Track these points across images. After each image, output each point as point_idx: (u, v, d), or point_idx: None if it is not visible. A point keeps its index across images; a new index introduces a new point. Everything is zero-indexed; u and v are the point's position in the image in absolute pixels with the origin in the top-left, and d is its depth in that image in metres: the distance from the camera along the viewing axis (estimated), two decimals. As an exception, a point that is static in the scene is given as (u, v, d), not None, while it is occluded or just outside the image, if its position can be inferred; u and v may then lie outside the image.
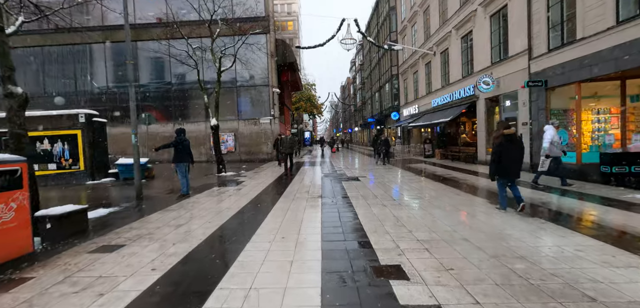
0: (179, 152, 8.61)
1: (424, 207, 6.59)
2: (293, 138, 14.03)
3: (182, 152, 8.63)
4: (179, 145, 8.55)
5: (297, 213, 6.32)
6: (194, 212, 6.66)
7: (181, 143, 8.65)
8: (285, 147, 13.68)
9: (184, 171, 8.63)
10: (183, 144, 8.68)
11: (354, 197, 7.81)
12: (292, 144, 13.81)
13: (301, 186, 9.96)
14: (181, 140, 8.64)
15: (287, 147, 13.62)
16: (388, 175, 12.43)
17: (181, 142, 8.65)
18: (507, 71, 12.68)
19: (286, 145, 13.65)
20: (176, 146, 8.64)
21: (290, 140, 13.74)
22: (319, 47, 22.65)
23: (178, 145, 8.53)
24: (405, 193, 8.36)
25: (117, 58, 22.74)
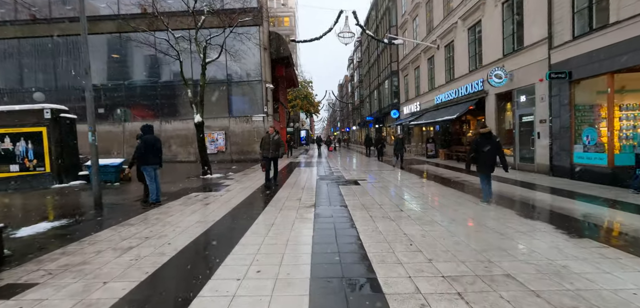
0: (145, 152, 7.25)
1: (439, 220, 5.35)
2: (278, 138, 9.61)
3: (148, 152, 7.26)
4: (141, 148, 7.19)
5: (283, 230, 5.06)
6: (156, 227, 5.38)
7: (145, 143, 7.25)
8: (266, 150, 9.35)
9: (152, 175, 7.31)
10: (148, 143, 7.27)
11: (354, 207, 6.56)
12: (276, 145, 9.43)
13: (293, 191, 8.70)
14: (146, 139, 7.26)
15: (271, 150, 9.34)
16: (390, 178, 11.20)
17: (145, 142, 7.26)
18: (522, 63, 11.47)
19: (268, 147, 9.33)
20: (139, 148, 7.28)
21: (274, 141, 9.38)
22: (315, 40, 21.41)
23: (141, 147, 7.17)
24: (413, 201, 7.11)
25: (99, 51, 21.34)
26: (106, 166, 10.98)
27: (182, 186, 10.27)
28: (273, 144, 9.39)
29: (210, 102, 20.75)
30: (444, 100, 18.21)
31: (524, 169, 11.60)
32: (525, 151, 11.66)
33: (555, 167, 10.00)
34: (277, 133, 9.81)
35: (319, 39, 21.05)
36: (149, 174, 7.19)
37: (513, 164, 12.23)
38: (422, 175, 11.74)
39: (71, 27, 20.58)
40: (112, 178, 11.06)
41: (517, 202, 6.96)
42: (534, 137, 11.05)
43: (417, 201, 7.07)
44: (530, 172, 11.18)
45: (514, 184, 9.06)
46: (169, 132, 20.78)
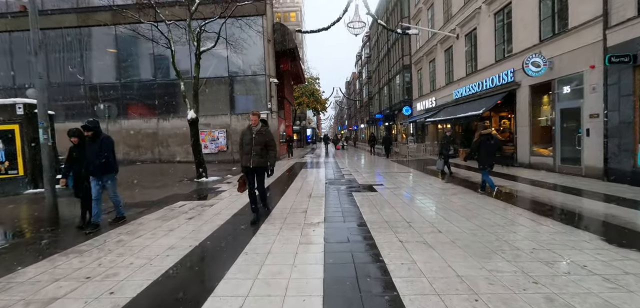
0: (87, 157, 5.24)
1: (500, 250, 3.82)
2: (266, 131, 5.51)
3: (95, 158, 5.17)
4: (110, 147, 5.40)
5: (281, 266, 3.59)
6: (110, 258, 3.96)
7: (83, 148, 5.30)
8: (246, 154, 5.44)
9: (116, 185, 5.66)
10: (92, 147, 5.19)
11: (376, 225, 5.05)
12: (262, 145, 5.40)
13: (297, 199, 7.24)
14: (109, 139, 5.48)
15: (252, 154, 5.38)
16: (410, 182, 9.65)
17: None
18: (565, 48, 9.81)
19: (249, 149, 5.42)
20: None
21: (258, 138, 5.38)
22: (323, 30, 19.90)
23: (109, 147, 5.38)
24: (451, 217, 5.57)
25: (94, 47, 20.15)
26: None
27: (170, 192, 8.88)
28: (256, 142, 5.30)
29: (210, 99, 19.44)
30: (465, 94, 16.55)
31: (567, 172, 9.95)
32: (569, 151, 10.01)
33: (612, 171, 8.34)
34: (264, 123, 5.50)
35: (327, 29, 19.56)
36: (114, 184, 5.63)
37: (552, 166, 10.58)
38: (445, 179, 10.16)
39: (65, 19, 19.47)
40: (93, 183, 9.70)
41: (594, 220, 5.38)
42: (580, 134, 9.40)
43: (456, 217, 5.53)
44: (575, 175, 9.53)
45: (567, 192, 7.44)
46: (167, 130, 19.52)
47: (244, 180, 5.59)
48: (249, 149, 5.35)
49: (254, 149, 5.32)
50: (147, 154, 19.71)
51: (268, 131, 5.47)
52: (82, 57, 20.07)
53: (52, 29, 19.64)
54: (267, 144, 5.39)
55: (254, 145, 5.32)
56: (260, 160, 5.35)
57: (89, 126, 5.23)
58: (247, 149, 5.37)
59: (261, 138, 5.35)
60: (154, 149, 19.68)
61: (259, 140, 5.34)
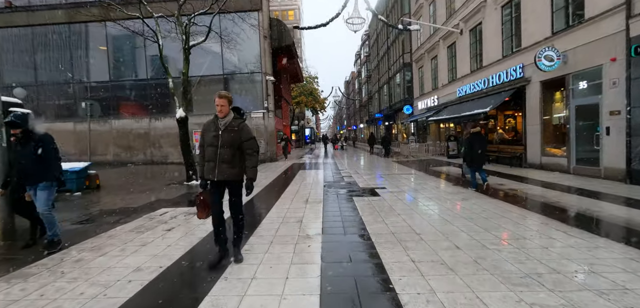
0: (17, 161, 4.23)
1: (537, 274, 3.12)
2: (240, 128, 3.52)
3: (27, 162, 4.11)
4: (55, 148, 4.32)
5: (267, 296, 2.88)
6: (53, 287, 3.22)
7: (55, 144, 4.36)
8: (210, 162, 3.50)
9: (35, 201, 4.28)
10: (25, 149, 4.13)
11: (381, 238, 4.34)
12: (235, 146, 3.50)
13: (292, 206, 6.53)
14: (19, 142, 4.17)
15: (218, 161, 3.46)
16: (414, 184, 8.95)
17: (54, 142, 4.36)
18: (582, 40, 9.12)
19: (213, 154, 3.48)
20: (54, 150, 4.29)
21: (226, 136, 3.47)
22: (321, 26, 19.17)
23: (54, 147, 4.31)
24: (464, 224, 4.86)
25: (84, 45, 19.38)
26: (65, 172, 8.91)
27: (155, 197, 8.16)
28: (225, 143, 3.48)
29: (204, 98, 18.70)
30: (469, 92, 15.86)
31: (583, 174, 9.26)
32: (585, 151, 9.32)
33: (636, 172, 7.65)
34: (237, 113, 3.65)
35: (325, 26, 18.83)
36: (50, 195, 4.26)
37: (566, 167, 9.89)
38: (453, 181, 9.47)
39: (53, 15, 18.71)
40: (73, 187, 8.99)
41: (637, 232, 4.68)
42: (598, 133, 8.71)
43: (473, 227, 4.82)
44: (593, 177, 8.84)
45: (592, 197, 6.74)
46: (159, 130, 18.78)
47: (204, 201, 3.62)
48: (213, 152, 3.44)
49: (220, 152, 3.43)
50: (139, 155, 18.96)
51: (244, 127, 3.55)
52: (71, 55, 19.30)
53: (39, 26, 18.90)
54: (242, 146, 3.50)
55: (221, 146, 3.43)
56: (231, 170, 3.45)
57: (16, 122, 4.09)
58: (210, 153, 3.47)
59: (232, 136, 3.45)
60: (146, 150, 18.93)
61: (228, 139, 3.43)
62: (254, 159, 3.56)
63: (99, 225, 5.55)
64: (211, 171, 3.48)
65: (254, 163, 3.56)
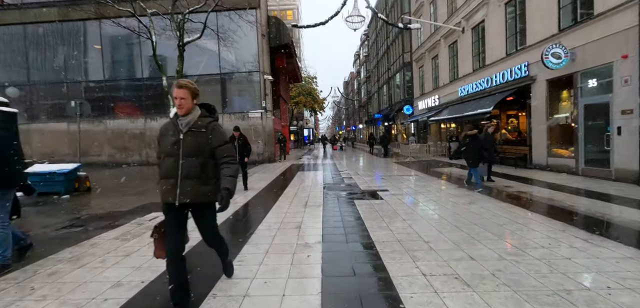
0: None
1: (567, 290, 2.76)
2: (210, 130, 2.57)
3: None
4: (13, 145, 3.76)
5: (260, 319, 2.51)
6: (24, 304, 2.86)
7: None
8: (165, 181, 2.50)
9: None
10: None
11: (387, 247, 3.98)
12: (204, 155, 2.55)
13: (291, 210, 6.16)
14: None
15: (181, 178, 2.46)
16: (418, 187, 8.59)
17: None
18: (591, 37, 8.79)
19: (173, 162, 2.47)
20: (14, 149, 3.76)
21: (191, 141, 2.49)
22: (320, 25, 18.84)
23: (14, 145, 3.77)
24: (476, 231, 4.50)
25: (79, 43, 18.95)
26: (52, 174, 8.54)
27: (147, 200, 7.78)
28: (188, 150, 2.50)
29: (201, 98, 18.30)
30: (471, 91, 15.54)
31: (593, 175, 8.92)
32: (594, 151, 8.99)
33: (650, 174, 7.31)
34: (207, 110, 2.76)
35: (324, 24, 18.50)
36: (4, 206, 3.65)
37: (574, 168, 9.56)
38: (458, 183, 9.12)
39: (46, 13, 18.29)
40: (61, 189, 8.60)
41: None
42: (609, 133, 8.38)
43: (486, 235, 4.46)
44: (603, 179, 8.50)
45: (605, 200, 6.40)
46: (155, 130, 18.29)
47: (161, 233, 2.70)
48: (173, 165, 2.46)
49: (183, 164, 2.46)
50: (135, 156, 18.56)
51: (216, 127, 2.62)
52: (65, 54, 18.87)
53: (32, 24, 18.47)
54: (215, 154, 2.58)
55: (184, 155, 2.46)
56: (200, 188, 2.51)
57: None
58: (168, 166, 2.48)
59: (200, 141, 2.52)
60: (141, 151, 18.53)
61: (193, 144, 2.50)
62: (232, 168, 2.58)
63: (83, 232, 5.18)
64: (170, 192, 2.43)
65: (233, 172, 2.58)
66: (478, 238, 4.27)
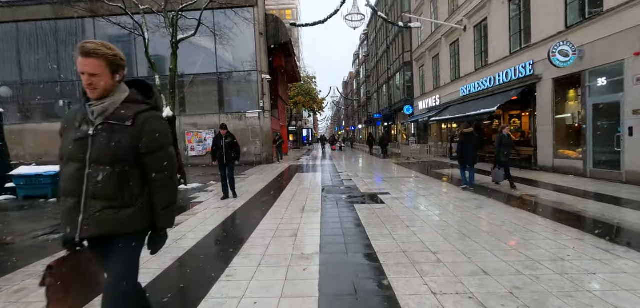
0: None
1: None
2: (140, 123, 1.63)
3: None
4: None
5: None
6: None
7: None
8: (67, 206, 1.57)
9: None
10: None
11: (390, 259, 3.63)
12: (122, 163, 1.58)
13: (286, 217, 5.80)
14: None
15: (86, 200, 1.54)
16: (420, 189, 8.23)
17: None
18: (599, 34, 8.46)
19: (74, 187, 1.55)
20: None
21: (103, 141, 1.56)
22: (319, 24, 18.46)
23: None
24: (487, 240, 4.15)
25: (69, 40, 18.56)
26: (38, 176, 8.17)
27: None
28: (100, 156, 1.56)
29: (198, 98, 18.01)
30: (474, 91, 15.20)
31: (602, 177, 8.59)
32: (604, 153, 8.66)
33: (665, 177, 6.97)
34: (142, 99, 1.73)
35: (323, 22, 18.12)
36: None
37: (582, 170, 9.23)
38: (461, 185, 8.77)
39: (39, 11, 17.91)
40: (48, 192, 8.23)
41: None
42: (620, 133, 8.04)
43: (498, 244, 4.12)
44: (613, 181, 8.17)
45: (619, 204, 6.05)
46: (150, 131, 17.99)
47: (64, 279, 1.62)
48: (75, 178, 1.57)
49: (90, 174, 1.56)
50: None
51: (149, 121, 1.68)
52: (59, 53, 18.46)
53: (25, 22, 18.07)
54: (144, 163, 1.67)
55: (93, 162, 1.57)
56: (116, 215, 1.59)
57: None
58: (69, 179, 1.59)
59: (118, 139, 1.60)
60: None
61: (107, 145, 1.58)
62: (169, 191, 1.72)
63: (62, 240, 4.81)
64: (69, 218, 1.58)
65: (170, 199, 1.74)
66: (490, 248, 3.92)
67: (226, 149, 7.42)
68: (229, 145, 7.46)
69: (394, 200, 6.99)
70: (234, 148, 7.53)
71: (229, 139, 7.47)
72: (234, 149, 7.53)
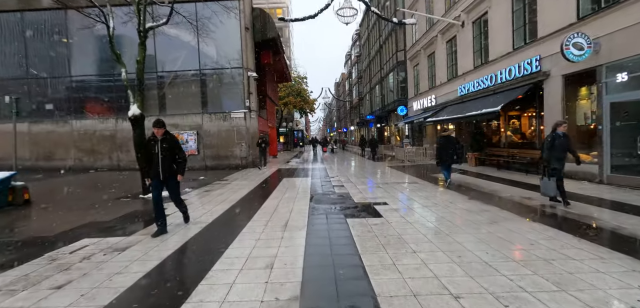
0: None
1: None
2: None
3: None
4: None
5: None
6: None
7: None
8: None
9: None
10: None
11: (395, 304, 2.60)
12: None
13: (263, 237, 4.72)
14: None
15: None
16: (420, 198, 7.22)
17: None
18: (617, 25, 7.62)
19: None
20: None
21: None
22: (309, 18, 17.39)
23: None
24: (519, 272, 3.15)
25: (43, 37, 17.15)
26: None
27: (91, 218, 6.24)
28: None
29: (179, 97, 16.79)
30: (473, 90, 14.34)
31: (621, 184, 7.72)
32: (624, 157, 7.80)
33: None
34: None
35: (313, 17, 17.05)
36: None
37: (597, 175, 8.36)
38: (469, 194, 7.81)
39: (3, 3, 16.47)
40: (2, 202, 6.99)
41: None
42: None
43: (540, 282, 3.12)
44: (634, 188, 7.30)
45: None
46: (127, 132, 16.60)
47: None
48: None
49: None
50: (104, 160, 16.84)
51: None
52: (27, 48, 17.02)
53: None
54: None
55: None
56: None
57: None
58: None
59: None
60: (112, 154, 16.83)
61: None
62: None
63: (-37, 275, 3.65)
64: None
65: None
66: (529, 287, 2.91)
67: (162, 158, 4.88)
68: (167, 151, 4.92)
69: (393, 212, 5.97)
70: (173, 156, 4.99)
71: (167, 143, 4.93)
72: (173, 157, 4.99)
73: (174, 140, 5.09)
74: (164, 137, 4.96)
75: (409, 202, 7.05)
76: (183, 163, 5.17)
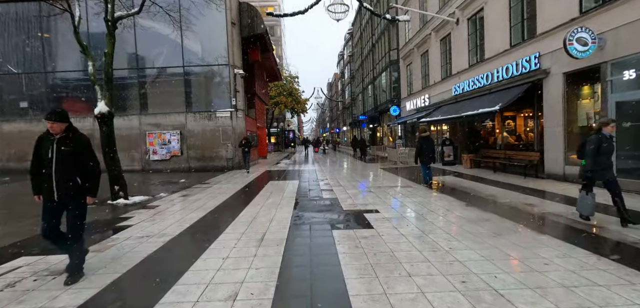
0: None
1: None
2: None
3: None
4: None
5: None
6: None
7: None
8: None
9: None
10: None
11: None
12: None
13: (233, 254, 4.03)
14: None
15: None
16: (415, 204, 6.61)
17: None
18: (625, 18, 7.11)
19: None
20: None
21: None
22: (299, 14, 16.68)
23: None
24: (541, 304, 2.54)
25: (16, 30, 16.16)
26: None
27: (39, 229, 5.45)
28: None
29: (161, 95, 15.98)
30: (468, 89, 13.82)
31: (627, 188, 7.16)
32: (630, 159, 7.30)
33: None
34: None
35: (303, 13, 16.30)
36: None
37: (601, 179, 7.83)
38: (466, 199, 7.23)
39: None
40: None
41: None
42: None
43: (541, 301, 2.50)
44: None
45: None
46: (106, 131, 15.77)
47: None
48: None
49: None
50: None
51: None
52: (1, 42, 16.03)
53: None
54: None
55: None
56: None
57: None
58: None
59: None
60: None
61: None
62: None
63: None
64: None
65: None
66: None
67: (58, 168, 3.19)
68: (68, 158, 3.23)
69: (385, 222, 5.34)
70: (77, 166, 3.29)
71: (71, 144, 3.27)
72: (78, 168, 3.30)
73: (82, 142, 3.35)
74: (64, 135, 3.24)
75: (402, 209, 6.42)
76: (95, 178, 3.38)
